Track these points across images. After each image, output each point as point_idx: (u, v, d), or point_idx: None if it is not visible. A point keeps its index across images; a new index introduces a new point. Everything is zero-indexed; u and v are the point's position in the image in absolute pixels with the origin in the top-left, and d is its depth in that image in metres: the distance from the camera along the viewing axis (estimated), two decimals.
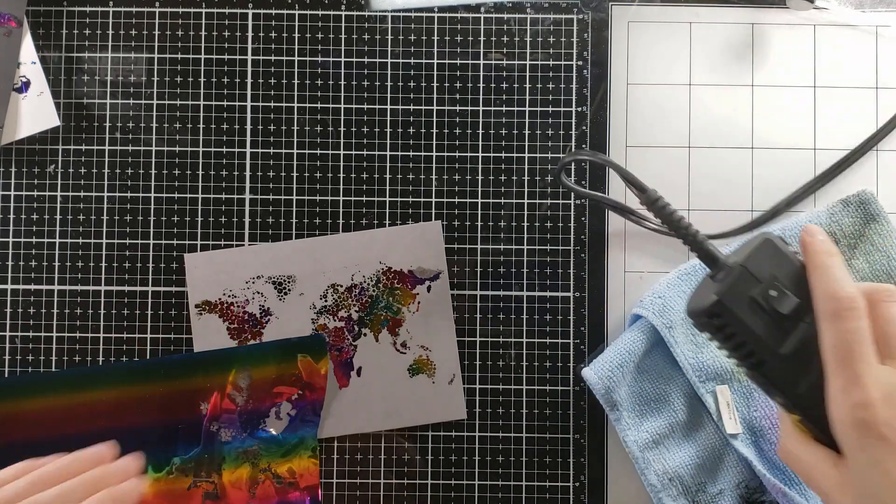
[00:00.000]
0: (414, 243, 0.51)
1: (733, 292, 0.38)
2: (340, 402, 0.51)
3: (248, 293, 0.51)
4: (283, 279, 0.51)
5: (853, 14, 0.52)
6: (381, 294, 0.51)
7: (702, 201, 0.51)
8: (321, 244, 0.51)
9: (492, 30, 0.52)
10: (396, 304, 0.51)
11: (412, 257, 0.51)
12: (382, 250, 0.51)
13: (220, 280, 0.51)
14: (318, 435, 0.50)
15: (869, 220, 0.48)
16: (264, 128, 0.52)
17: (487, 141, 0.52)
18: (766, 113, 0.52)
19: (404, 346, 0.51)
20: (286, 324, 0.51)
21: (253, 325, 0.51)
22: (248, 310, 0.51)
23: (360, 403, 0.51)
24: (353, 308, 0.51)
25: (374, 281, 0.51)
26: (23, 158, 0.52)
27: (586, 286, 0.52)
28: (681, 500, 0.48)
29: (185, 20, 0.52)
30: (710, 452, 0.48)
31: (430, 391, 0.51)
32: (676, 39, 0.52)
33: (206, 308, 0.51)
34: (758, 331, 0.38)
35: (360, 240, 0.51)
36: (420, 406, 0.51)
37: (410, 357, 0.51)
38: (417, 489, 0.51)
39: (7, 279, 0.52)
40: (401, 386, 0.51)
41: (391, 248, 0.51)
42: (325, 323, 0.51)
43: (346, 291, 0.51)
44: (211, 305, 0.51)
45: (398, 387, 0.51)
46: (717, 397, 0.48)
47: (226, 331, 0.51)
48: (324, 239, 0.51)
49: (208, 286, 0.51)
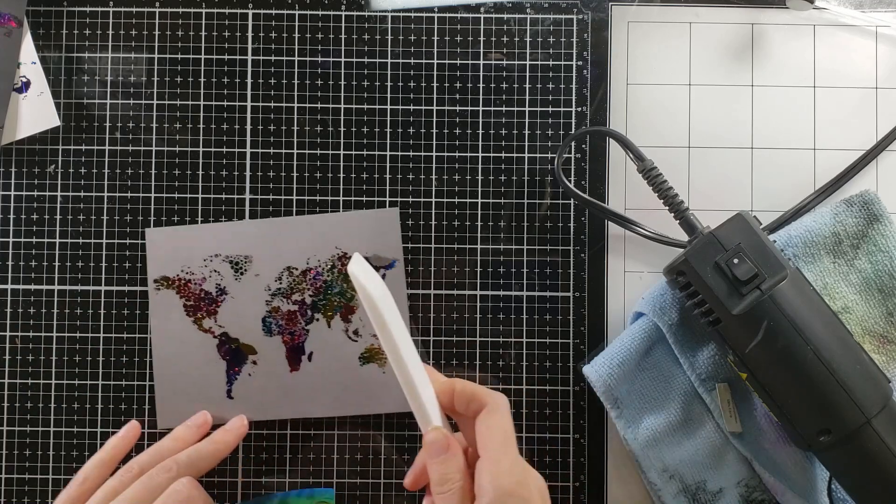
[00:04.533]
0: (371, 230, 0.51)
1: (700, 255, 0.44)
2: (290, 386, 0.51)
3: (205, 271, 0.51)
4: (239, 259, 0.51)
5: (853, 14, 0.52)
6: (335, 280, 0.51)
7: (702, 201, 0.51)
8: (279, 226, 0.51)
9: (492, 30, 0.52)
10: (350, 290, 0.51)
11: (368, 244, 0.51)
12: (339, 236, 0.51)
13: (180, 256, 0.51)
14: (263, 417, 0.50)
15: (872, 220, 0.48)
16: (264, 128, 0.52)
17: (487, 141, 0.52)
18: (766, 113, 0.52)
19: (356, 334, 0.51)
20: (241, 304, 0.51)
21: (209, 303, 0.51)
22: (205, 287, 0.51)
23: (309, 389, 0.51)
24: (308, 292, 0.51)
25: (329, 266, 0.51)
26: (23, 158, 0.52)
27: (586, 286, 0.52)
28: (680, 497, 0.48)
29: (185, 20, 0.52)
30: (710, 450, 0.48)
31: (380, 380, 0.51)
32: (676, 39, 0.52)
33: (165, 283, 0.51)
34: (716, 291, 0.43)
35: (318, 224, 0.51)
36: (369, 395, 0.51)
37: (362, 345, 0.51)
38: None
39: (7, 279, 0.52)
40: (351, 373, 0.51)
41: (348, 234, 0.51)
42: (279, 305, 0.51)
43: (301, 275, 0.51)
44: (169, 281, 0.51)
45: (348, 374, 0.51)
46: (718, 395, 0.48)
47: (182, 307, 0.51)
48: (282, 220, 0.51)
49: (167, 262, 0.51)
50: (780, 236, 0.49)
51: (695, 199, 0.51)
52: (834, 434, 0.43)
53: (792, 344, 0.42)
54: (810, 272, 0.48)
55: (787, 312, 0.42)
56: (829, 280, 0.48)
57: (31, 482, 0.51)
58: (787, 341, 0.42)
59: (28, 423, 0.51)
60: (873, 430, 0.42)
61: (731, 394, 0.48)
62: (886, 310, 0.48)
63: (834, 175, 0.51)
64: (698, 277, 0.44)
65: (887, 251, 0.48)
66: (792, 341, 0.42)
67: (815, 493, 0.47)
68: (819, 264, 0.48)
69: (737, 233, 0.44)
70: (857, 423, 0.42)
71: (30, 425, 0.51)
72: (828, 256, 0.48)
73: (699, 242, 0.44)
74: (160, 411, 0.51)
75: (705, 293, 0.44)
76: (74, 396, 0.51)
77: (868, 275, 0.48)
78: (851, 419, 0.42)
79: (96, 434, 0.51)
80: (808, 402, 0.43)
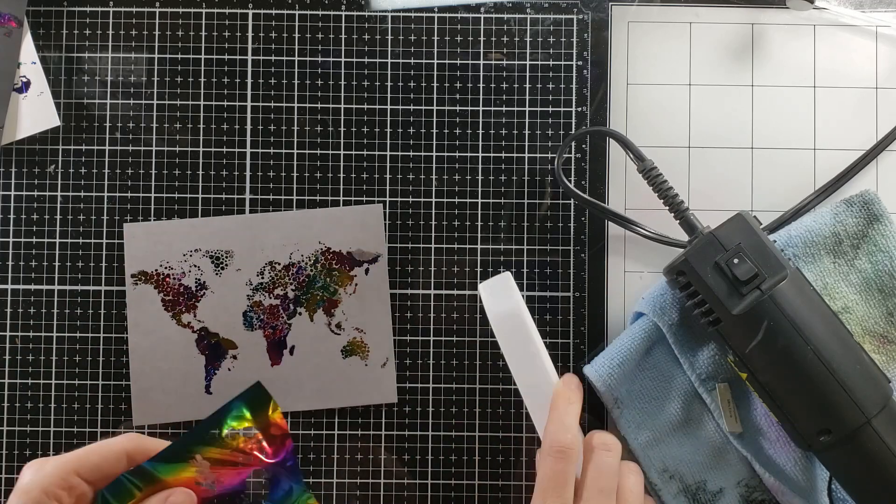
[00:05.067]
0: (354, 225, 0.51)
1: (700, 255, 0.44)
2: (272, 379, 0.51)
3: (184, 266, 0.51)
4: (220, 254, 0.51)
5: (853, 14, 0.52)
6: (318, 274, 0.51)
7: (702, 201, 0.51)
8: (261, 221, 0.51)
9: (492, 30, 0.52)
10: (334, 284, 0.51)
11: (352, 239, 0.51)
12: (322, 230, 0.51)
13: (158, 251, 0.51)
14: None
15: (872, 220, 0.48)
16: (264, 128, 0.52)
17: (487, 141, 0.52)
18: (766, 113, 0.52)
19: (339, 328, 0.51)
20: (221, 298, 0.51)
21: (188, 297, 0.51)
22: (184, 282, 0.51)
23: (291, 382, 0.51)
24: (290, 287, 0.51)
25: (312, 260, 0.51)
26: (23, 158, 0.52)
27: (586, 286, 0.52)
28: (680, 497, 0.48)
29: (185, 20, 0.52)
30: (710, 450, 0.48)
31: (363, 373, 0.51)
32: (676, 39, 0.52)
33: (142, 278, 0.51)
34: (716, 291, 0.43)
35: (301, 219, 0.51)
36: (351, 387, 0.51)
37: (345, 338, 0.51)
38: (417, 489, 0.51)
39: (7, 279, 0.51)
40: (333, 367, 0.51)
41: (331, 229, 0.51)
42: (260, 300, 0.51)
43: (283, 269, 0.51)
44: (147, 276, 0.51)
45: (330, 367, 0.51)
46: (718, 395, 0.48)
47: (160, 302, 0.51)
48: (264, 216, 0.51)
49: (145, 257, 0.51)
50: (780, 236, 0.49)
51: (694, 199, 0.51)
52: (834, 434, 0.43)
53: (792, 344, 0.42)
54: (810, 272, 0.48)
55: (787, 312, 0.42)
56: (830, 280, 0.48)
57: None
58: (787, 341, 0.42)
59: (28, 423, 0.51)
60: (873, 430, 0.42)
61: (731, 394, 0.48)
62: (886, 310, 0.48)
63: (834, 175, 0.51)
64: (698, 277, 0.44)
65: (887, 251, 0.48)
66: (792, 341, 0.42)
67: (815, 493, 0.47)
68: (819, 264, 0.48)
69: (737, 233, 0.44)
70: (857, 423, 0.42)
71: (30, 425, 0.51)
72: (828, 256, 0.48)
73: (699, 242, 0.44)
74: (136, 408, 0.51)
75: (705, 293, 0.44)
76: (74, 396, 0.51)
77: (868, 275, 0.48)
78: (851, 419, 0.42)
79: (96, 434, 0.51)
80: (808, 402, 0.43)
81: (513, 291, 0.46)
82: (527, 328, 0.46)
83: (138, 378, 0.51)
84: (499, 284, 0.46)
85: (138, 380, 0.51)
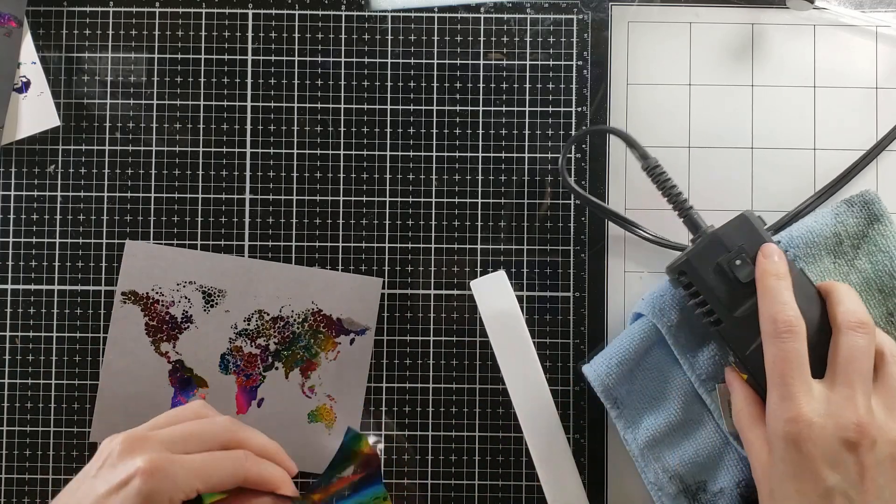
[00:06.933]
0: (351, 293, 0.51)
1: (702, 256, 0.44)
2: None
3: (175, 295, 0.51)
4: (213, 291, 0.51)
5: (853, 14, 0.52)
6: (304, 333, 0.51)
7: (702, 201, 0.51)
8: (260, 268, 0.51)
9: (492, 30, 0.52)
10: (316, 347, 0.51)
11: (345, 306, 0.51)
12: (318, 291, 0.51)
13: (153, 274, 0.51)
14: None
15: (872, 220, 0.48)
16: (264, 128, 0.52)
17: (487, 141, 0.52)
18: (766, 113, 0.52)
19: (311, 391, 0.51)
20: (204, 335, 0.51)
21: (172, 327, 0.51)
22: (172, 312, 0.51)
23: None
24: (273, 339, 0.51)
25: (301, 318, 0.51)
26: (23, 158, 0.52)
27: (586, 286, 0.52)
28: (680, 498, 0.48)
29: (185, 20, 0.52)
30: (710, 451, 0.48)
31: (324, 441, 0.50)
32: (676, 39, 0.52)
33: (132, 298, 0.51)
34: (718, 292, 0.43)
35: (300, 274, 0.51)
36: (311, 452, 0.50)
37: (314, 402, 0.51)
38: (417, 489, 0.51)
39: (7, 279, 0.52)
40: (296, 428, 0.51)
41: (327, 292, 0.51)
42: (241, 346, 0.51)
43: (270, 321, 0.51)
44: (136, 297, 0.51)
45: (293, 428, 0.51)
46: (718, 396, 0.48)
47: (144, 326, 0.51)
48: (264, 263, 0.51)
49: (140, 277, 0.51)
50: (782, 237, 0.49)
51: (695, 199, 0.51)
52: None
53: None
54: (811, 272, 0.48)
55: None
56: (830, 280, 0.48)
57: (31, 482, 0.51)
58: None
59: (28, 423, 0.51)
60: None
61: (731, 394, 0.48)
62: (886, 310, 0.48)
63: (834, 175, 0.51)
64: (700, 278, 0.44)
65: (887, 251, 0.48)
66: None
67: None
68: (820, 264, 0.48)
69: (740, 233, 0.44)
70: None
71: (30, 425, 0.51)
72: (829, 257, 0.48)
73: (701, 243, 0.44)
74: (95, 424, 0.51)
75: (707, 294, 0.44)
76: (74, 396, 0.51)
77: (868, 275, 0.48)
78: None
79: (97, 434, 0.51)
80: None
81: (506, 290, 0.46)
82: (519, 327, 0.46)
83: (105, 395, 0.51)
84: (492, 283, 0.46)
85: (104, 397, 0.51)
